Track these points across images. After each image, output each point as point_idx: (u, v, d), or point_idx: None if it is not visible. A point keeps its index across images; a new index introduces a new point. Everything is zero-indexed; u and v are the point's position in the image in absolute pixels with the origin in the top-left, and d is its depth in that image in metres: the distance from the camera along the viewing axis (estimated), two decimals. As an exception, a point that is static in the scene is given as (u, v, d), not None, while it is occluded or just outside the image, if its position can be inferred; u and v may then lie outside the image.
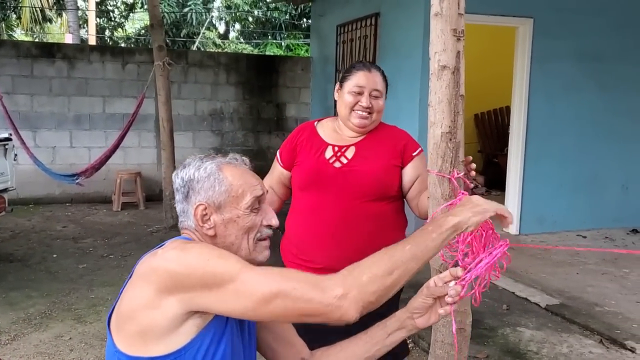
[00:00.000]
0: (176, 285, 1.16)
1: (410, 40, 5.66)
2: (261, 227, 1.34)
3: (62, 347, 3.32)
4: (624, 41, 5.96)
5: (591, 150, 6.03)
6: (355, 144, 2.08)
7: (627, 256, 5.12)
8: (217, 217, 1.31)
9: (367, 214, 2.01)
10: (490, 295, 4.10)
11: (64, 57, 7.54)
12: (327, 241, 2.01)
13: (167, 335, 1.19)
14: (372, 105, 2.04)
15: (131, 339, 1.21)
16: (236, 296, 1.15)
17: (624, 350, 3.25)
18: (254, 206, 1.32)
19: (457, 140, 1.66)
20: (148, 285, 1.18)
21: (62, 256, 5.14)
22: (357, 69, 2.09)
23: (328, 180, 2.03)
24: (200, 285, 1.15)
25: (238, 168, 1.35)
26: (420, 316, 1.35)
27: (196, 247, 1.22)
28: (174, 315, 1.18)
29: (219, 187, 1.30)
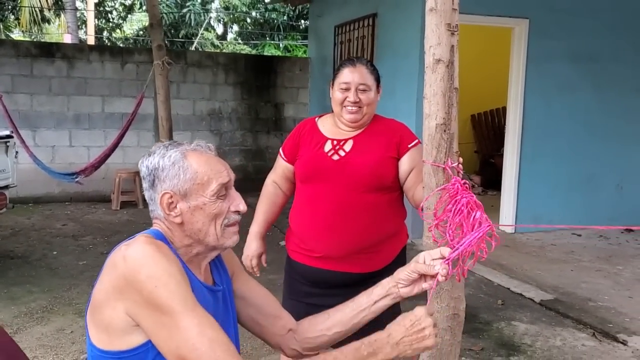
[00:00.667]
0: (127, 292, 1.17)
1: (407, 40, 5.73)
2: (229, 213, 1.35)
3: (64, 340, 3.37)
4: (619, 42, 6.04)
5: (586, 150, 6.10)
6: (353, 138, 2.14)
7: (621, 254, 5.19)
8: (184, 205, 1.31)
9: (364, 204, 2.07)
10: (485, 291, 4.17)
11: (64, 56, 7.59)
12: (326, 231, 2.07)
13: (127, 332, 1.21)
14: (361, 99, 2.09)
15: (99, 332, 1.24)
16: (166, 334, 1.16)
17: (616, 343, 3.31)
18: (220, 193, 1.33)
19: (451, 132, 1.71)
20: (108, 280, 1.21)
21: (62, 253, 5.18)
22: (343, 66, 2.15)
23: (326, 173, 2.09)
24: (144, 304, 1.16)
25: (203, 155, 1.35)
26: (404, 287, 1.41)
27: (153, 262, 1.19)
28: (125, 318, 1.19)
29: (184, 175, 1.30)
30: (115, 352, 1.21)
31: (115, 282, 1.18)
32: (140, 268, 1.17)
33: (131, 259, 1.18)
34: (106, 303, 1.20)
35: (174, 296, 1.15)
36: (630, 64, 6.11)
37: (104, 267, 1.25)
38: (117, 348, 1.21)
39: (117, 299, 1.18)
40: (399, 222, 2.19)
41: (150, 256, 1.19)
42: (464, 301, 1.79)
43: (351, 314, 1.44)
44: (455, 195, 1.63)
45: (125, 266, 1.17)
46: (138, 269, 1.16)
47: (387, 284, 1.43)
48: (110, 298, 1.19)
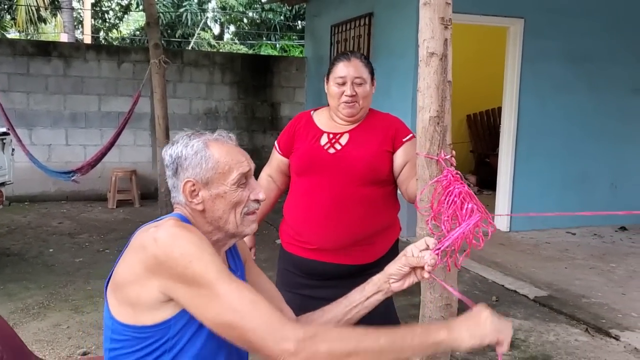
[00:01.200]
0: (159, 270, 1.21)
1: (403, 39, 5.76)
2: (248, 202, 1.39)
3: (60, 335, 3.38)
4: (613, 42, 6.08)
5: (580, 149, 6.15)
6: (349, 131, 2.16)
7: (614, 252, 5.23)
8: (205, 192, 1.35)
9: (359, 197, 2.09)
10: (480, 288, 4.20)
11: (60, 55, 7.60)
12: (321, 223, 2.09)
13: (154, 308, 1.25)
14: (357, 92, 2.11)
15: (123, 307, 1.28)
16: (205, 305, 1.20)
17: (609, 338, 3.34)
18: (240, 182, 1.37)
19: (444, 124, 1.74)
20: (137, 261, 1.24)
21: (58, 251, 5.19)
22: (338, 60, 2.16)
23: (322, 166, 2.11)
24: (179, 279, 1.20)
25: (225, 145, 1.40)
26: (395, 282, 1.45)
27: (185, 240, 1.23)
28: (156, 294, 1.23)
29: (206, 164, 1.35)
30: (139, 327, 1.26)
31: (147, 262, 1.22)
32: (172, 247, 1.21)
33: (162, 240, 1.22)
34: (134, 281, 1.24)
35: (208, 268, 1.20)
36: (624, 64, 6.15)
37: (130, 248, 1.29)
38: (141, 323, 1.26)
39: (149, 278, 1.22)
40: (393, 215, 2.22)
41: (180, 235, 1.24)
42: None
43: (344, 310, 1.48)
44: (448, 186, 1.66)
45: (157, 247, 1.22)
46: (171, 248, 1.21)
47: (378, 281, 1.47)
48: (140, 277, 1.23)
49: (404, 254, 1.45)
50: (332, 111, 2.20)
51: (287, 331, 1.15)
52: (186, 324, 1.27)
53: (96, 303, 3.89)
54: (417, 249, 1.43)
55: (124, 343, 1.28)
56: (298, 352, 1.13)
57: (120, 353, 1.29)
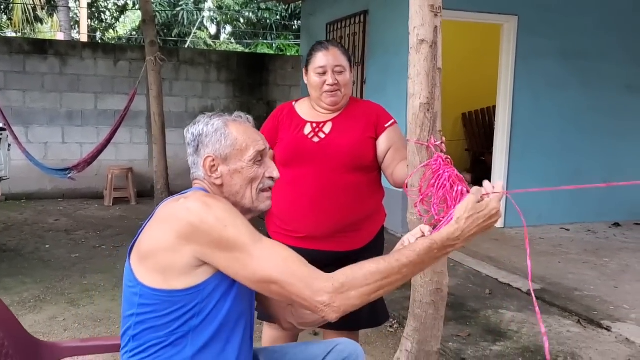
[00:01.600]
0: (194, 237, 1.29)
1: (398, 37, 5.78)
2: (264, 179, 1.49)
3: (57, 327, 3.40)
4: (607, 39, 6.12)
5: (574, 146, 6.18)
6: (332, 120, 2.18)
7: (607, 247, 5.27)
8: (224, 168, 1.45)
9: (345, 184, 2.13)
10: (473, 281, 4.23)
11: (56, 53, 7.61)
12: (308, 212, 2.12)
13: (185, 274, 1.32)
14: (338, 81, 2.13)
15: (152, 274, 1.34)
16: (242, 266, 1.29)
17: (600, 329, 3.38)
18: (256, 159, 1.47)
19: (434, 111, 1.77)
20: (170, 229, 1.31)
21: (54, 247, 5.21)
22: (315, 50, 2.18)
23: (307, 155, 2.13)
24: (215, 244, 1.28)
25: (242, 124, 1.50)
26: None
27: (218, 207, 1.32)
28: (190, 260, 1.31)
29: (225, 141, 1.45)
30: (169, 291, 1.32)
31: (181, 231, 1.29)
32: (207, 214, 1.29)
33: (195, 209, 1.30)
34: (167, 249, 1.31)
35: (242, 232, 1.29)
36: (618, 61, 6.19)
37: (157, 219, 1.36)
38: (171, 287, 1.32)
39: (183, 245, 1.29)
40: (378, 201, 2.26)
41: (212, 203, 1.32)
42: (447, 276, 1.84)
43: None
44: (438, 170, 1.69)
45: (191, 214, 1.29)
46: (206, 214, 1.29)
47: None
48: (174, 244, 1.30)
49: (401, 243, 1.48)
50: (313, 102, 2.22)
51: (320, 283, 1.26)
52: (214, 291, 1.33)
53: (92, 297, 3.91)
54: (414, 237, 1.47)
55: (155, 307, 1.34)
56: (332, 303, 1.25)
57: (150, 317, 1.34)
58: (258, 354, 1.62)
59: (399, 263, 1.30)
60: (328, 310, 1.25)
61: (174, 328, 1.34)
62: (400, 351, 1.89)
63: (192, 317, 1.33)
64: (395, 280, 1.30)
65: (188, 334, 1.34)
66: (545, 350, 1.45)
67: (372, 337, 3.36)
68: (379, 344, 3.29)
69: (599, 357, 3.01)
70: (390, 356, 3.04)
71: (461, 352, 3.05)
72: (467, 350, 3.08)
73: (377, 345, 3.27)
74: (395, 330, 3.48)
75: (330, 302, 1.25)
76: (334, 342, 1.65)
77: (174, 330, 1.34)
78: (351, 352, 1.60)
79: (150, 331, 1.35)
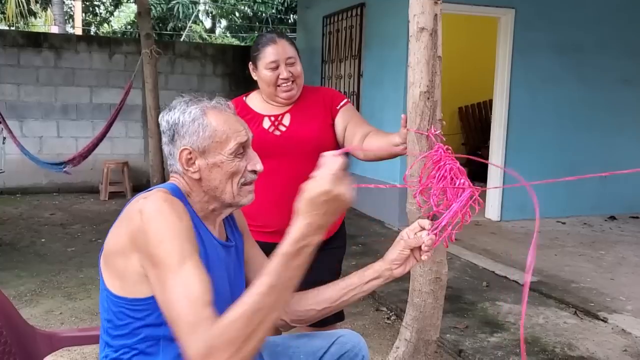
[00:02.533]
0: (139, 243, 1.19)
1: (395, 30, 5.77)
2: (245, 172, 1.37)
3: (53, 321, 3.39)
4: (603, 33, 6.12)
5: (570, 140, 6.19)
6: (289, 111, 2.13)
7: (604, 240, 5.29)
8: (202, 161, 1.33)
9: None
10: (470, 274, 4.24)
11: (51, 46, 7.57)
12: (278, 206, 2.07)
13: (140, 282, 1.22)
14: (292, 72, 2.07)
15: (113, 280, 1.27)
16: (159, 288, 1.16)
17: (597, 320, 3.39)
18: (237, 152, 1.35)
19: (434, 99, 1.76)
20: (124, 231, 1.23)
21: (50, 240, 5.19)
22: (263, 44, 2.09)
23: (271, 149, 2.07)
24: (149, 257, 1.18)
25: (223, 113, 1.36)
26: (398, 267, 1.44)
27: (163, 218, 1.19)
28: (139, 269, 1.21)
29: (203, 132, 1.32)
30: (129, 299, 1.25)
31: (131, 234, 1.20)
32: (151, 222, 1.18)
33: (146, 213, 1.19)
34: (121, 253, 1.23)
35: (173, 253, 1.16)
36: (615, 55, 6.19)
37: (120, 217, 1.27)
38: (130, 295, 1.24)
39: (132, 250, 1.21)
40: None
41: (162, 212, 1.19)
42: (446, 265, 1.84)
43: (342, 292, 1.47)
44: (439, 161, 1.68)
45: (141, 219, 1.19)
46: (149, 223, 1.18)
47: (379, 267, 1.46)
48: (125, 248, 1.22)
49: (401, 237, 1.45)
50: (267, 97, 2.15)
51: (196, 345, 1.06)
52: None
53: (89, 290, 3.90)
54: (412, 232, 1.44)
55: (120, 314, 1.27)
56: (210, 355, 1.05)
57: (118, 324, 1.28)
58: None
59: (260, 296, 1.09)
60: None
61: (143, 336, 1.26)
62: (400, 340, 1.89)
63: (160, 325, 1.24)
64: (265, 315, 1.09)
65: (159, 342, 1.27)
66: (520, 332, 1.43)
67: (369, 329, 3.36)
68: (377, 335, 3.29)
69: (595, 347, 3.01)
70: (387, 347, 3.04)
71: (459, 344, 3.06)
72: (464, 341, 3.08)
73: (375, 336, 3.27)
74: (392, 321, 3.48)
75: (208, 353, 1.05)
76: (336, 333, 1.62)
77: (142, 338, 1.26)
78: (354, 344, 1.58)
79: (121, 338, 1.28)
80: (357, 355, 1.56)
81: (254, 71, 2.15)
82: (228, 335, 1.06)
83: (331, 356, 1.55)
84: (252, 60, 2.13)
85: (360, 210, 6.54)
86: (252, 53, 2.13)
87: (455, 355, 3.01)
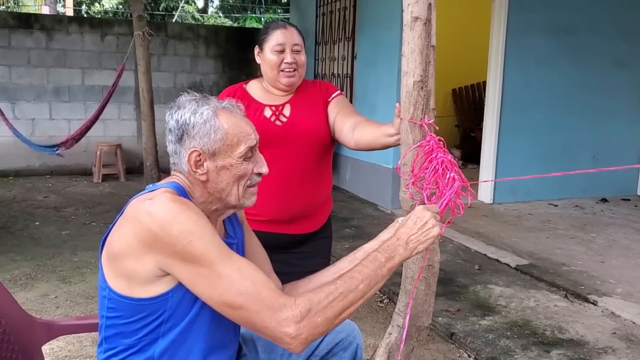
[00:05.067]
0: (156, 246, 1.19)
1: (389, 11, 5.74)
2: (252, 175, 1.38)
3: (49, 305, 3.41)
4: (597, 16, 6.11)
5: (563, 122, 6.21)
6: (289, 102, 2.14)
7: (595, 222, 5.34)
8: (211, 163, 1.32)
9: (310, 166, 2.12)
10: (463, 257, 4.28)
11: (42, 28, 7.49)
12: (275, 195, 2.09)
13: (150, 283, 1.24)
14: (296, 60, 2.08)
15: (118, 279, 1.27)
16: (207, 284, 1.19)
17: (587, 303, 3.44)
18: (247, 155, 1.35)
19: (428, 89, 1.76)
20: (133, 233, 1.21)
21: (44, 224, 5.19)
22: (272, 28, 2.11)
23: (272, 138, 2.07)
24: (178, 257, 1.18)
25: (233, 115, 1.36)
26: None
27: (183, 216, 1.20)
28: (152, 270, 1.22)
29: (215, 134, 1.31)
30: (134, 299, 1.25)
31: (142, 237, 1.19)
32: (171, 224, 1.17)
33: (159, 216, 1.18)
34: (130, 254, 1.22)
35: (209, 248, 1.18)
36: (607, 37, 6.19)
37: (124, 218, 1.26)
38: (136, 295, 1.25)
39: (145, 253, 1.20)
40: (331, 183, 2.29)
41: (179, 212, 1.20)
42: (438, 253, 1.86)
43: (333, 277, 1.43)
44: (431, 153, 1.69)
45: (153, 222, 1.18)
46: (169, 224, 1.17)
47: (369, 249, 1.46)
48: (135, 251, 1.21)
49: (396, 222, 1.47)
50: (267, 82, 2.16)
51: (287, 312, 1.16)
52: (183, 296, 1.26)
53: (83, 274, 3.92)
54: None
55: (121, 312, 1.27)
56: (298, 335, 1.16)
57: (118, 322, 1.29)
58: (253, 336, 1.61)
59: (354, 280, 1.24)
60: (295, 343, 1.16)
61: (143, 335, 1.28)
62: (392, 326, 1.91)
63: (161, 324, 1.27)
64: (355, 300, 1.23)
65: (157, 340, 1.29)
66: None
67: (362, 312, 3.40)
68: (370, 318, 3.33)
69: (585, 330, 3.07)
70: (381, 330, 3.08)
71: (450, 327, 3.10)
72: (456, 325, 3.13)
73: (368, 320, 3.31)
74: (385, 305, 3.53)
75: (297, 333, 1.16)
76: None
77: (142, 337, 1.28)
78: (348, 333, 1.61)
79: (120, 336, 1.30)
80: (351, 344, 1.59)
81: (259, 55, 2.15)
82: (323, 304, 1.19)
83: (326, 345, 1.58)
84: (259, 44, 2.14)
85: (354, 192, 6.56)
86: (260, 36, 2.15)
87: (447, 339, 3.05)
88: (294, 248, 2.16)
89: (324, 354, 1.57)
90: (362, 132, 2.00)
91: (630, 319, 3.20)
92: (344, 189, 6.76)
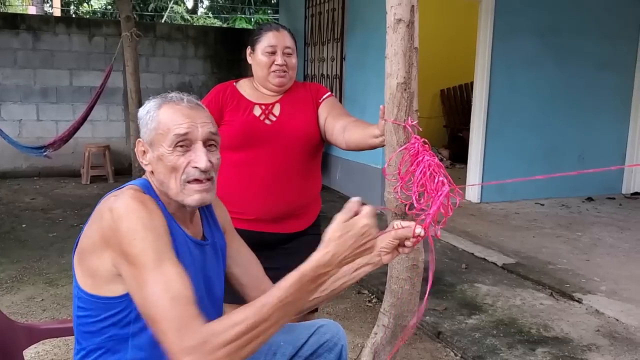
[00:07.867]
0: (111, 242, 1.19)
1: (377, 13, 5.76)
2: (187, 168, 1.32)
3: (35, 308, 3.39)
4: (581, 17, 6.18)
5: (549, 122, 6.27)
6: (279, 101, 2.16)
7: (581, 221, 5.39)
8: (151, 154, 1.35)
9: (297, 167, 2.14)
10: (450, 256, 4.31)
11: (29, 28, 7.44)
12: (262, 194, 2.10)
13: (112, 282, 1.24)
14: (287, 62, 2.11)
15: (85, 277, 1.28)
16: (135, 286, 1.17)
17: (572, 301, 3.48)
18: (176, 144, 1.31)
19: (411, 91, 1.78)
20: (96, 229, 1.23)
21: (31, 226, 5.16)
22: (265, 30, 2.14)
23: (261, 137, 2.09)
24: (123, 255, 1.18)
25: (174, 106, 1.34)
26: (386, 254, 1.48)
27: (135, 215, 1.19)
28: (111, 267, 1.22)
29: (150, 124, 1.33)
30: (101, 297, 1.26)
31: (102, 233, 1.21)
32: (122, 221, 1.18)
33: (116, 211, 1.20)
34: (93, 251, 1.24)
35: (147, 251, 1.16)
36: (592, 39, 6.25)
37: (92, 215, 1.27)
38: (102, 294, 1.25)
39: (104, 249, 1.21)
40: (320, 182, 2.30)
41: (133, 209, 1.20)
42: (422, 252, 1.88)
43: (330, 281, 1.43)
44: (416, 155, 1.71)
45: (111, 218, 1.19)
46: (121, 221, 1.18)
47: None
48: (97, 247, 1.23)
49: (392, 227, 1.48)
50: (258, 82, 2.18)
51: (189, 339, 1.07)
52: None
53: (71, 276, 3.83)
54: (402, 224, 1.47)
55: (90, 312, 1.28)
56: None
57: (87, 321, 1.29)
58: None
59: (267, 307, 1.11)
60: None
61: (111, 334, 1.27)
62: (378, 326, 1.93)
63: (129, 324, 1.26)
64: (267, 328, 1.11)
65: (127, 340, 1.28)
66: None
67: (350, 312, 3.42)
68: (358, 318, 3.35)
69: (570, 328, 3.10)
70: (368, 330, 3.10)
71: (438, 326, 3.13)
72: (443, 323, 3.15)
73: (356, 319, 3.33)
74: (373, 304, 3.54)
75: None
76: (317, 323, 1.64)
77: (111, 336, 1.27)
78: (333, 335, 1.61)
79: (89, 336, 1.29)
80: (336, 345, 1.60)
81: (250, 55, 2.17)
82: (227, 336, 1.07)
83: (310, 346, 1.58)
84: (251, 44, 2.16)
85: (344, 193, 6.58)
86: (253, 37, 2.17)
87: (434, 337, 3.08)
88: (278, 247, 2.16)
89: (307, 355, 1.58)
90: (350, 134, 2.03)
91: (614, 316, 3.24)
92: (334, 189, 6.78)
